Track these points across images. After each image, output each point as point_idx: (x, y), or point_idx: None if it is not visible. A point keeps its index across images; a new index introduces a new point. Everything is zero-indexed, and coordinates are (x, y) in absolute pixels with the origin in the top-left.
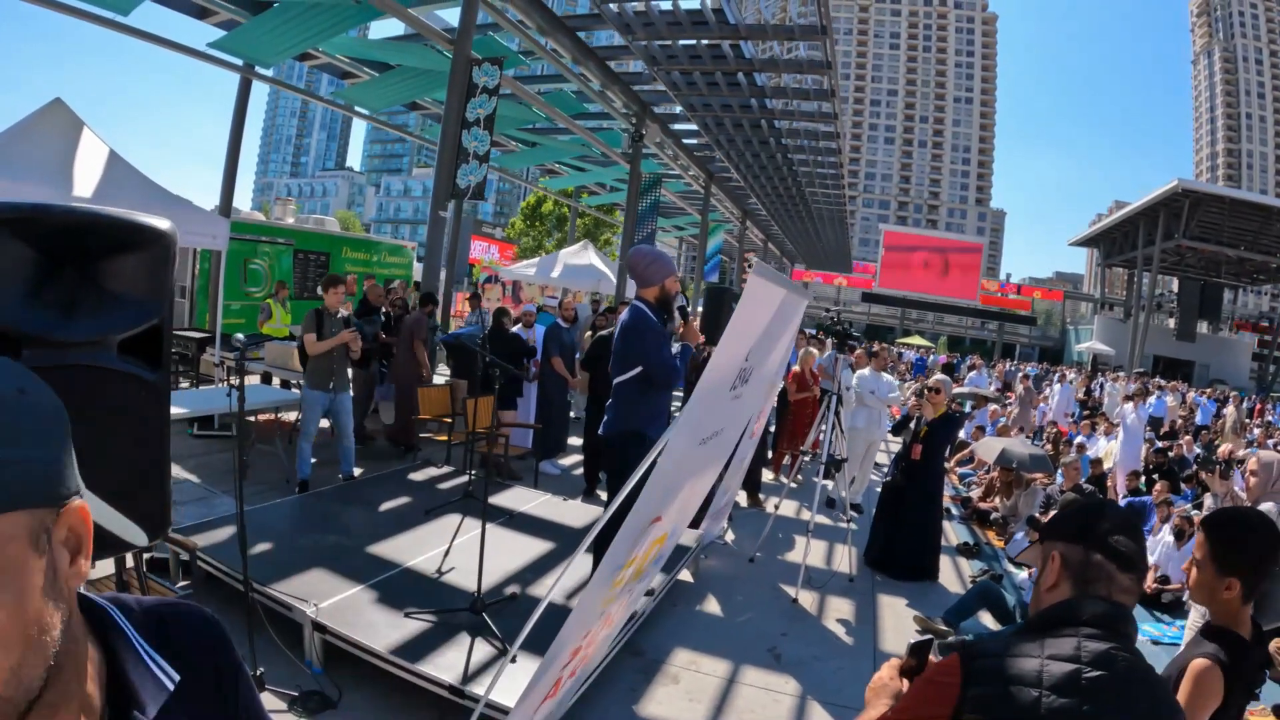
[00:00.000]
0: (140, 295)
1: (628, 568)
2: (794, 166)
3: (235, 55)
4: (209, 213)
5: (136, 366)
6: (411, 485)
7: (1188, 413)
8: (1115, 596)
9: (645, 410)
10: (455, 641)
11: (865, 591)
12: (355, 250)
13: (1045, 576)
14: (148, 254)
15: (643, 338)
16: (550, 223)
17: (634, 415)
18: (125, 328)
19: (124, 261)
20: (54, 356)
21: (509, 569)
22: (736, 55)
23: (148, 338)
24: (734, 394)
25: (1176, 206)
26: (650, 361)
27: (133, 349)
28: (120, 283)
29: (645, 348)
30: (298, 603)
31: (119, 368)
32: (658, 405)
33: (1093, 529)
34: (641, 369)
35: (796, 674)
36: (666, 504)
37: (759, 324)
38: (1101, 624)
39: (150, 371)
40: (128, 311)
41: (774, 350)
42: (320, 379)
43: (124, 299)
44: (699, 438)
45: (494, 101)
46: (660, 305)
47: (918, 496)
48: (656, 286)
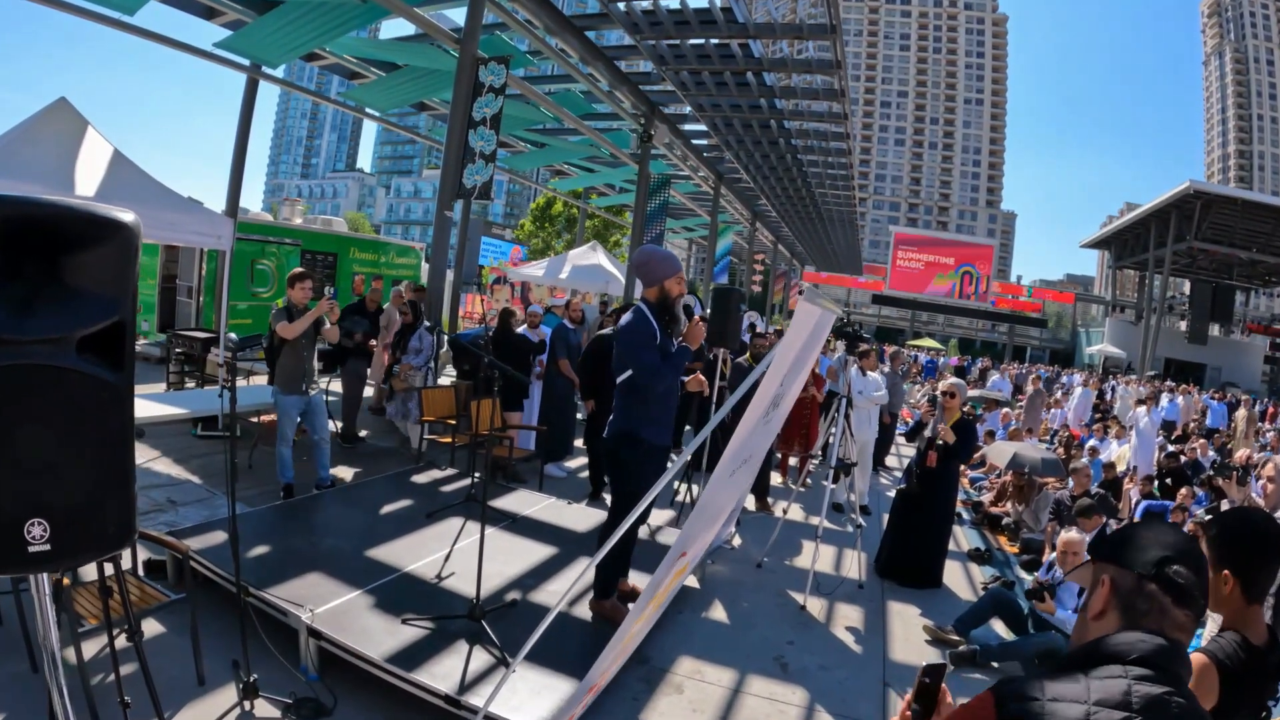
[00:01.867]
0: (101, 291)
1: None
2: (804, 167)
3: (242, 55)
4: (213, 212)
5: (97, 367)
6: (414, 488)
7: (1198, 415)
8: (1169, 633)
9: (641, 412)
10: (453, 649)
11: (874, 598)
12: (363, 251)
13: (1093, 602)
14: (109, 247)
15: (628, 340)
16: (560, 224)
17: (629, 416)
18: (85, 325)
19: (84, 255)
20: (8, 355)
21: (509, 574)
22: (745, 55)
23: (109, 336)
24: (766, 420)
25: (1188, 208)
26: (634, 362)
27: (93, 348)
28: (80, 277)
29: (625, 348)
30: (293, 608)
31: (79, 368)
32: (656, 408)
33: (1148, 554)
34: (632, 372)
35: (803, 684)
36: (693, 541)
37: (798, 349)
38: (1153, 663)
39: (112, 372)
40: (88, 308)
41: (803, 370)
42: (292, 382)
43: (84, 295)
44: (730, 470)
45: (500, 101)
46: (660, 306)
47: (933, 506)
48: (656, 286)
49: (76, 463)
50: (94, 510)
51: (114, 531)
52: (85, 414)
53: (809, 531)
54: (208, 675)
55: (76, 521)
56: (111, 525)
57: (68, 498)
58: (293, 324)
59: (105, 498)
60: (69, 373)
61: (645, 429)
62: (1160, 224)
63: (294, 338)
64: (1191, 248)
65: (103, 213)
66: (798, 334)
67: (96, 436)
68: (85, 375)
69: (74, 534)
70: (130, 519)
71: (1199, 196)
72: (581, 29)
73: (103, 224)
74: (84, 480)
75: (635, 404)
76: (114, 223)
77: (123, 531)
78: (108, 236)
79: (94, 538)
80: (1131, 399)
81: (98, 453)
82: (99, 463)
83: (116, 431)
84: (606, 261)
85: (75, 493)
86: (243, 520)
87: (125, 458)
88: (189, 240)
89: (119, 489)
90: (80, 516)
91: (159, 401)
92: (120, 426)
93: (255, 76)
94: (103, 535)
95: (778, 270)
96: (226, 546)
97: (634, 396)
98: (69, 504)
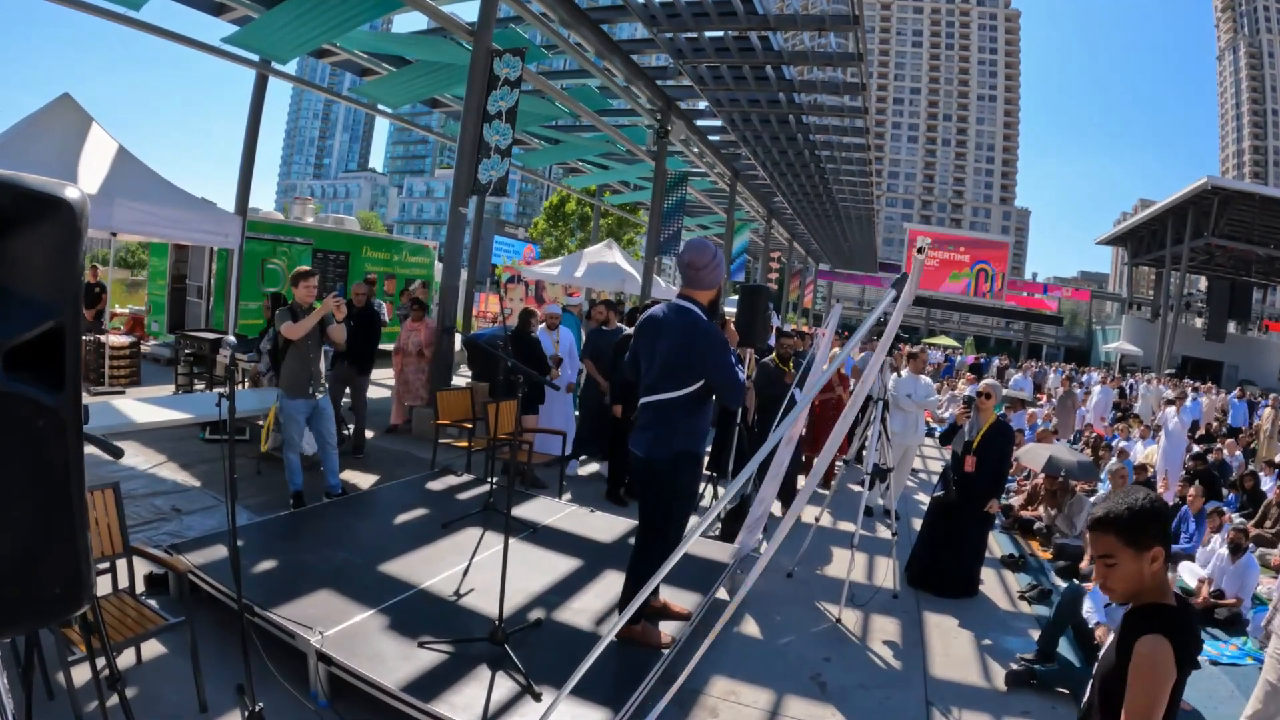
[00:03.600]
0: (33, 289)
1: None
2: (821, 163)
3: (251, 50)
4: (221, 210)
5: (29, 386)
6: (428, 495)
7: (1220, 414)
8: None
9: (700, 426)
10: (474, 676)
11: (910, 610)
12: (376, 250)
13: None
14: (43, 232)
15: (717, 350)
16: (573, 222)
17: (693, 433)
18: (11, 334)
19: (10, 242)
20: None
21: (532, 591)
22: (765, 48)
23: (44, 347)
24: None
25: (1206, 204)
26: (727, 378)
27: (24, 363)
28: (3, 271)
29: (721, 361)
30: (301, 630)
31: (4, 388)
32: (706, 418)
33: None
34: (704, 383)
35: (843, 705)
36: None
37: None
38: None
39: (49, 392)
40: (14, 311)
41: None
42: (298, 386)
43: (8, 294)
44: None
45: (516, 94)
46: (711, 309)
47: (971, 513)
48: (714, 289)
49: (6, 507)
50: (29, 568)
51: (60, 593)
52: (15, 448)
53: (839, 539)
54: (210, 702)
55: (7, 583)
56: (56, 585)
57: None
58: (297, 324)
59: (44, 552)
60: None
61: (701, 444)
62: (1177, 220)
63: (299, 338)
64: (1209, 244)
65: (32, 185)
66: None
67: (31, 476)
68: (14, 398)
69: (8, 596)
70: (81, 576)
71: (1216, 192)
72: (597, 21)
73: (32, 200)
74: (17, 532)
75: (697, 418)
76: (47, 199)
77: (71, 592)
78: (40, 217)
79: (32, 602)
80: (1154, 397)
81: (34, 496)
82: (36, 508)
83: (59, 468)
84: (622, 260)
85: (8, 546)
86: (248, 532)
87: (71, 500)
88: (196, 239)
89: (64, 541)
90: (12, 577)
91: (166, 406)
92: (63, 462)
93: (265, 72)
94: (43, 599)
95: (793, 268)
96: (229, 561)
97: (697, 410)
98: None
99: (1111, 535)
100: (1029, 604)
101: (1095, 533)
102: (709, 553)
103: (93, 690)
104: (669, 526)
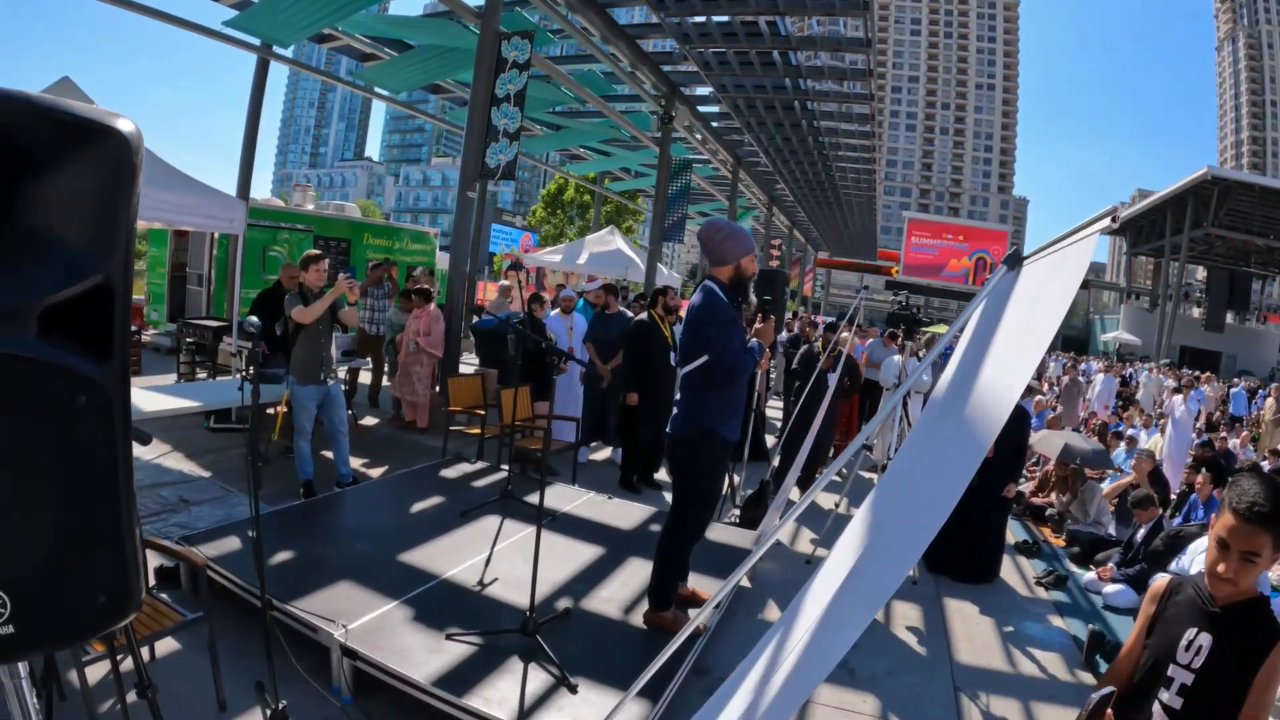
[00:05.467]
0: (76, 237)
1: None
2: (825, 150)
3: (251, 34)
4: (225, 195)
5: (70, 355)
6: (443, 484)
7: (1220, 403)
8: None
9: (716, 405)
10: (506, 669)
11: (930, 596)
12: (377, 237)
13: None
14: (89, 168)
15: (709, 324)
16: (572, 210)
17: (704, 411)
18: (49, 290)
19: (47, 181)
20: None
21: (557, 580)
22: (773, 33)
23: (88, 308)
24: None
25: (1206, 194)
26: (713, 350)
27: (63, 327)
28: (40, 215)
29: (710, 335)
30: (324, 624)
31: (40, 356)
32: (731, 399)
33: None
34: (706, 359)
35: (873, 691)
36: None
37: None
38: None
39: (94, 363)
40: (53, 264)
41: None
42: (309, 371)
43: (47, 243)
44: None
45: (525, 77)
46: (734, 287)
47: (989, 498)
48: (731, 265)
49: (41, 505)
50: (67, 576)
51: (105, 602)
52: (51, 430)
53: None
54: (229, 701)
55: (41, 594)
56: (100, 593)
57: (30, 558)
58: (308, 308)
59: (85, 557)
60: (25, 364)
61: (723, 425)
62: (1177, 210)
63: (310, 322)
64: (1209, 234)
65: (76, 111)
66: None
67: (70, 465)
68: (50, 368)
69: (44, 610)
70: (129, 583)
71: (1217, 182)
72: (603, 5)
73: (76, 130)
74: (53, 533)
75: (714, 396)
76: (94, 127)
77: (118, 602)
78: (87, 150)
79: (74, 614)
80: (1155, 386)
81: (73, 490)
82: (76, 504)
83: (103, 454)
84: (625, 246)
85: (41, 549)
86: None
87: (118, 494)
88: (200, 224)
89: (109, 543)
90: (47, 587)
91: (171, 394)
92: (108, 447)
93: (265, 57)
94: (84, 610)
95: (793, 255)
96: (245, 553)
97: (713, 387)
98: (33, 566)
99: (1269, 534)
100: (1046, 589)
101: (1252, 527)
102: (731, 539)
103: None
104: (688, 506)
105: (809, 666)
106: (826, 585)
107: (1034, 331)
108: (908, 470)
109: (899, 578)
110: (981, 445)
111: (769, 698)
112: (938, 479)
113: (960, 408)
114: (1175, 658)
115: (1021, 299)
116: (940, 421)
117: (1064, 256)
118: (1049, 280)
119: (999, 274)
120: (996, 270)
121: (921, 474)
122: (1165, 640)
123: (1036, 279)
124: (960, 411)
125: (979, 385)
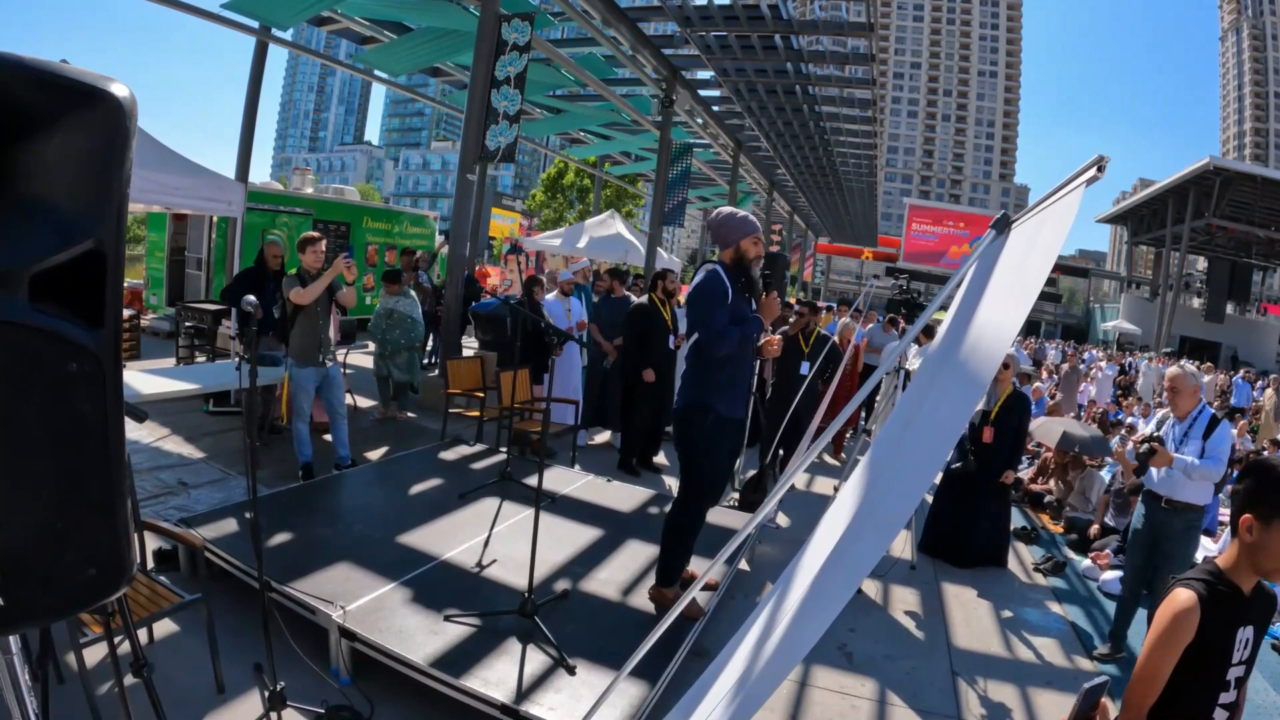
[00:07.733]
0: (68, 202)
1: None
2: (826, 136)
3: (251, 17)
4: (224, 177)
5: (59, 321)
6: (441, 466)
7: (1220, 394)
8: None
9: (714, 380)
10: (504, 650)
11: (928, 581)
12: (377, 220)
13: None
14: (82, 132)
15: (694, 301)
16: (572, 194)
17: (702, 385)
18: (40, 255)
19: (38, 144)
20: None
21: (555, 561)
22: (774, 16)
23: (78, 274)
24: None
25: (1207, 185)
26: (699, 325)
27: (55, 292)
28: (30, 181)
29: (696, 312)
30: (322, 605)
31: (30, 322)
32: (728, 375)
33: None
34: (697, 336)
35: (871, 675)
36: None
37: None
38: None
39: (85, 329)
40: (44, 227)
41: None
42: (308, 353)
43: (38, 208)
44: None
45: (525, 59)
46: (736, 267)
47: (989, 484)
48: (732, 248)
49: (31, 474)
50: (59, 546)
51: (95, 575)
52: (42, 397)
53: None
54: (228, 682)
55: (32, 565)
56: (91, 565)
57: (20, 528)
58: (306, 289)
59: (77, 527)
60: (16, 329)
61: (718, 399)
62: (1178, 200)
63: (309, 304)
64: (1210, 224)
65: (69, 74)
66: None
67: (61, 433)
68: (41, 334)
69: (34, 581)
70: (120, 555)
71: (1218, 173)
72: None
73: (69, 93)
74: (43, 502)
75: (707, 370)
76: (87, 91)
77: (110, 574)
78: (80, 114)
79: (62, 586)
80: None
81: (64, 458)
82: (67, 473)
83: (95, 423)
84: (625, 230)
85: (31, 520)
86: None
87: (110, 463)
88: (198, 206)
89: (102, 512)
90: (38, 558)
91: (170, 377)
92: (100, 416)
93: (264, 39)
94: (75, 582)
95: (793, 241)
96: (243, 535)
97: (705, 362)
98: (23, 537)
99: None
100: (1044, 576)
101: None
102: (730, 522)
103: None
104: (688, 482)
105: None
106: (822, 545)
107: (1026, 278)
108: (904, 422)
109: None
110: (980, 384)
111: (758, 669)
112: (936, 422)
113: (955, 352)
114: (1231, 659)
115: (1012, 254)
116: (937, 371)
117: (1052, 211)
118: (1038, 235)
119: (987, 238)
120: (985, 235)
121: (921, 420)
122: (1221, 649)
123: (1026, 235)
124: (956, 355)
125: (973, 329)
